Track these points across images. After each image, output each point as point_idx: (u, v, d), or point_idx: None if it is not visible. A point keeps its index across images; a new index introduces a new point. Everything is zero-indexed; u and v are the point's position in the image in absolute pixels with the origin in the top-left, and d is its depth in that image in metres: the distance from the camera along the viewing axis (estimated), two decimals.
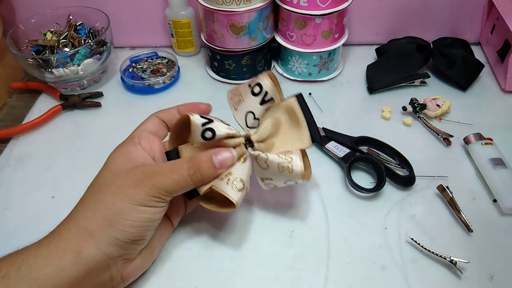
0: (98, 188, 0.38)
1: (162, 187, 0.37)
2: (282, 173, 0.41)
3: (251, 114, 0.41)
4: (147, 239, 0.39)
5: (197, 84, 0.69)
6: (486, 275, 0.42)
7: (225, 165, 0.39)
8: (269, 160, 0.40)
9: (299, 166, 0.40)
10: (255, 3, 0.59)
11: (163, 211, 0.39)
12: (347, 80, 0.68)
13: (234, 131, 0.40)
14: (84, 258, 0.34)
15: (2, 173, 0.55)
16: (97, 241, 0.35)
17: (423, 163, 0.52)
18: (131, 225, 0.36)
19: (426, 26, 0.72)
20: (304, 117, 0.41)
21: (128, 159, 0.40)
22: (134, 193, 0.36)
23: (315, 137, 0.42)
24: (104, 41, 0.66)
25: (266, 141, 0.42)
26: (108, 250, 0.35)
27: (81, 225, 0.36)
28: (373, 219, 0.47)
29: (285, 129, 0.43)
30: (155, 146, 0.42)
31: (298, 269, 0.43)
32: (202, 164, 0.38)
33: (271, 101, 0.41)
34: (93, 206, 0.37)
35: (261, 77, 0.41)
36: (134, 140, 0.41)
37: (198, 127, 0.38)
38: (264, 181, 0.43)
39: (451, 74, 0.64)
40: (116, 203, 0.36)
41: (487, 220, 0.47)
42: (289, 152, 0.41)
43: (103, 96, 0.66)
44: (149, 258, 0.42)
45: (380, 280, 0.42)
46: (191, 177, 0.38)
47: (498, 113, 0.60)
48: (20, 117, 0.64)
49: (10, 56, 0.71)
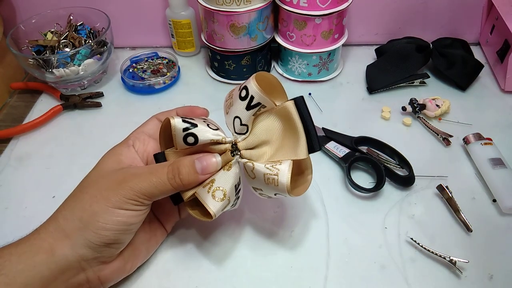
0: (81, 188, 0.38)
1: (140, 190, 0.36)
2: (268, 185, 0.37)
3: (238, 119, 0.38)
4: (124, 243, 0.38)
5: (197, 84, 0.69)
6: (485, 275, 0.42)
7: (207, 171, 0.38)
8: (255, 169, 0.37)
9: (285, 180, 0.36)
10: (255, 4, 0.59)
11: (142, 215, 0.38)
12: (347, 80, 0.68)
13: (220, 137, 0.38)
14: (56, 258, 0.34)
15: (2, 173, 0.55)
16: (72, 242, 0.35)
17: (423, 163, 0.52)
18: (105, 228, 0.35)
19: (425, 26, 0.72)
20: (302, 124, 0.37)
21: (117, 160, 0.39)
22: (111, 195, 0.36)
23: (314, 147, 0.37)
24: (104, 41, 0.66)
25: (256, 148, 0.39)
26: (81, 252, 0.35)
27: (58, 224, 0.36)
28: (373, 219, 0.48)
29: (279, 136, 0.39)
30: (149, 149, 0.42)
31: (298, 269, 0.43)
32: (182, 168, 0.37)
33: (260, 106, 0.38)
34: (72, 206, 0.37)
35: (249, 79, 0.37)
36: (128, 141, 0.41)
37: (179, 131, 0.37)
38: (256, 191, 0.41)
39: (451, 74, 0.64)
40: (93, 204, 0.36)
41: (487, 220, 0.47)
42: (278, 163, 0.37)
43: (104, 96, 0.66)
44: (132, 261, 0.41)
45: (379, 279, 0.42)
46: (170, 181, 0.36)
47: (498, 113, 0.60)
48: (21, 117, 0.64)
49: (10, 56, 0.71)
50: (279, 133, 0.39)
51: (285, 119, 0.38)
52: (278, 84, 0.40)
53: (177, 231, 0.47)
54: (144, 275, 0.43)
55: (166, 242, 0.46)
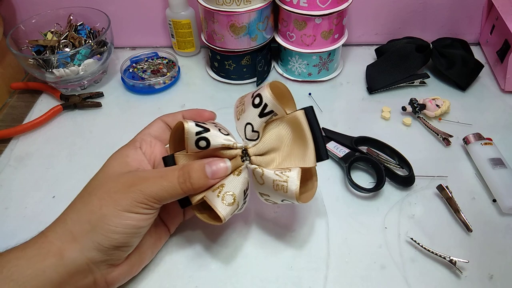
0: (89, 191, 0.38)
1: (150, 193, 0.36)
2: (277, 191, 0.38)
3: (250, 126, 0.39)
4: (132, 246, 0.38)
5: (197, 84, 0.69)
6: (485, 275, 0.42)
7: (217, 176, 0.38)
8: (265, 175, 0.38)
9: (294, 186, 0.37)
10: (255, 4, 0.59)
11: (151, 218, 0.38)
12: (347, 80, 0.68)
13: (231, 142, 0.38)
14: (66, 261, 0.34)
15: (2, 173, 0.55)
16: (80, 245, 0.35)
17: (423, 163, 0.52)
18: (115, 231, 0.35)
19: (425, 26, 0.72)
20: (311, 133, 0.38)
21: (124, 163, 0.39)
22: (121, 198, 0.35)
23: (322, 156, 0.38)
24: (104, 41, 0.66)
25: (265, 155, 0.40)
26: (90, 255, 0.35)
27: (67, 227, 0.36)
28: (373, 218, 0.48)
29: (288, 144, 0.40)
30: (156, 151, 0.42)
31: (298, 268, 0.43)
32: (193, 173, 0.37)
33: (272, 114, 0.38)
34: (80, 208, 0.37)
35: (263, 88, 0.38)
36: (135, 143, 0.41)
37: (192, 135, 0.37)
38: (263, 196, 0.41)
39: (451, 74, 0.64)
40: (102, 207, 0.35)
41: (487, 220, 0.47)
42: (287, 170, 0.38)
43: (104, 96, 0.66)
44: (138, 264, 0.41)
45: (379, 279, 0.42)
46: (181, 185, 0.36)
47: (498, 113, 0.60)
48: (21, 117, 0.64)
49: (10, 56, 0.71)
50: (289, 141, 0.40)
51: (294, 128, 0.39)
52: (287, 93, 0.41)
53: (178, 232, 0.47)
54: (144, 275, 0.43)
55: (166, 242, 0.46)
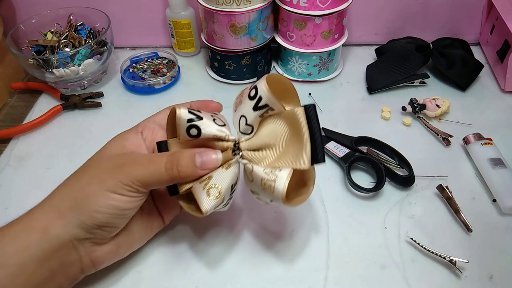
0: (83, 168, 0.39)
1: (136, 176, 0.36)
2: (264, 190, 0.36)
3: (244, 118, 0.37)
4: (117, 227, 0.38)
5: (197, 84, 0.69)
6: (485, 275, 0.42)
7: (207, 167, 0.37)
8: (254, 172, 0.36)
9: (281, 187, 0.34)
10: (255, 4, 0.59)
11: (136, 202, 0.37)
12: (347, 80, 0.68)
13: (223, 134, 0.37)
14: (50, 237, 0.35)
15: (2, 173, 0.55)
16: (65, 221, 0.35)
17: (423, 163, 0.52)
18: (98, 211, 0.35)
19: (425, 26, 0.72)
20: (309, 133, 0.35)
21: (121, 145, 0.40)
22: (108, 178, 0.36)
23: (319, 159, 0.35)
24: (104, 41, 0.66)
25: (259, 151, 0.38)
26: (74, 232, 0.35)
27: (53, 203, 0.36)
28: (373, 218, 0.48)
29: (284, 142, 0.37)
30: (158, 138, 0.42)
31: (298, 268, 0.43)
32: (182, 160, 0.36)
33: (267, 108, 0.36)
34: (71, 185, 0.37)
35: (260, 80, 0.36)
36: (137, 128, 0.42)
37: (183, 122, 0.36)
38: (254, 194, 0.39)
39: (451, 74, 0.64)
40: (90, 185, 0.36)
41: (487, 220, 0.47)
42: (278, 169, 0.35)
43: (104, 96, 0.66)
44: (126, 247, 0.41)
45: (379, 279, 0.42)
46: (167, 171, 0.36)
47: (498, 113, 0.61)
48: (21, 117, 0.64)
49: (10, 56, 0.71)
50: (285, 138, 0.37)
51: (292, 125, 0.37)
52: (291, 88, 0.39)
53: (178, 230, 0.47)
54: (144, 275, 0.43)
55: (166, 241, 0.46)
